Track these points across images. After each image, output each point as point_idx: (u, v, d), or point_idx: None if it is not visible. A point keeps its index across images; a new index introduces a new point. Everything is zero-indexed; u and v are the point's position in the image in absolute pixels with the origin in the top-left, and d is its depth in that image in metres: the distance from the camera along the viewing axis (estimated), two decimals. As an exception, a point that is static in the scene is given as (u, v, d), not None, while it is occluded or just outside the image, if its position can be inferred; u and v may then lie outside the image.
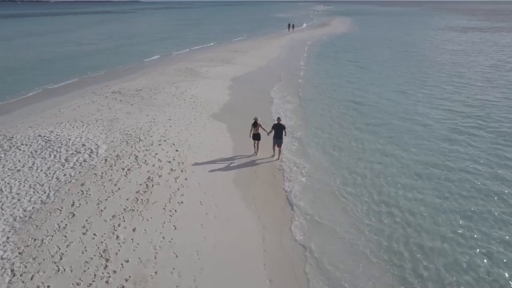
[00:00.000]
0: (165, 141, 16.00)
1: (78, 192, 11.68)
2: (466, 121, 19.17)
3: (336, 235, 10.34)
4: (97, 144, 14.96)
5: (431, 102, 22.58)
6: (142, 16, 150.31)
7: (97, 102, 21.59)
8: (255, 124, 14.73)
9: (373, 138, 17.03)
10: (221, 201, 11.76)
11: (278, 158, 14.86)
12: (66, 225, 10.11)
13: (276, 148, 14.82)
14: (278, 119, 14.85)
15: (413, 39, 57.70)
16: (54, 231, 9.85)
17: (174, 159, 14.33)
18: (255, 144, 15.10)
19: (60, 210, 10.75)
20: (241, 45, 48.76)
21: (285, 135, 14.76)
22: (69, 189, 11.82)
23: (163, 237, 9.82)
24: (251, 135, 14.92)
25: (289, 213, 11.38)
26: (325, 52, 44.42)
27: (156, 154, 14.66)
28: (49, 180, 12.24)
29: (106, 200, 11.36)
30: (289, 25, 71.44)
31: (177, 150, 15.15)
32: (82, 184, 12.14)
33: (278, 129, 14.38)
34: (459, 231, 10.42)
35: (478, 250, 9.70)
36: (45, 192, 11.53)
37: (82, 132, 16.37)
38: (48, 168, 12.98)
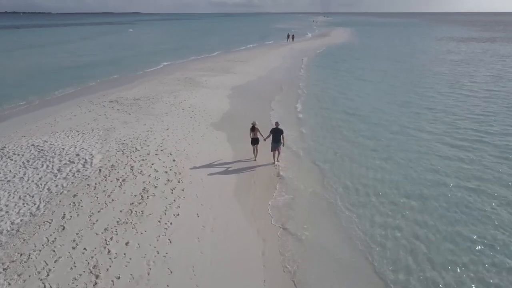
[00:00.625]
0: (162, 150, 15.56)
1: (70, 204, 11.19)
2: (467, 134, 18.19)
3: (331, 255, 9.58)
4: (91, 154, 14.51)
5: (431, 113, 21.77)
6: (143, 27, 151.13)
7: (93, 111, 21.19)
8: (253, 129, 14.75)
9: (372, 151, 16.13)
10: (219, 213, 11.26)
11: (278, 161, 14.84)
12: (55, 238, 9.60)
13: (276, 153, 14.76)
14: (277, 123, 14.68)
15: (412, 49, 57.66)
16: (42, 245, 9.34)
17: (171, 169, 13.86)
18: (255, 149, 15.11)
19: (50, 223, 10.24)
20: (240, 55, 48.69)
21: (283, 140, 14.51)
22: (60, 201, 11.33)
23: (157, 252, 9.31)
24: (250, 139, 14.99)
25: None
26: (325, 62, 44.16)
27: (152, 164, 14.20)
28: (40, 191, 11.75)
29: (98, 212, 10.86)
30: (288, 35, 71.56)
31: (174, 160, 14.69)
32: (74, 196, 11.65)
33: (276, 134, 14.33)
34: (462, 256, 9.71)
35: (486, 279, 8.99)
36: (35, 204, 11.04)
37: (77, 141, 15.93)
38: (40, 178, 12.51)
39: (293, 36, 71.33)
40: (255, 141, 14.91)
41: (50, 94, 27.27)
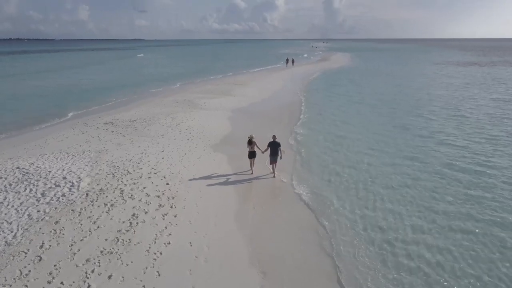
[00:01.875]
0: (155, 173, 14.66)
1: (50, 231, 10.20)
2: (469, 158, 17.08)
3: None
4: (79, 177, 13.60)
5: (432, 137, 20.65)
6: (145, 52, 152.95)
7: (87, 133, 20.42)
8: (250, 142, 15.02)
9: (370, 177, 15.08)
10: (214, 241, 10.25)
11: (274, 176, 14.96)
12: (29, 271, 8.57)
13: (274, 166, 15.00)
14: (274, 136, 15.02)
15: (412, 73, 57.44)
16: (14, 279, 8.31)
17: (163, 194, 12.92)
18: (252, 163, 15.36)
19: (26, 253, 9.23)
20: (240, 79, 48.44)
21: (281, 154, 14.77)
22: (40, 228, 10.35)
23: (143, 286, 8.27)
24: (247, 153, 15.21)
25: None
26: (324, 85, 43.85)
27: (144, 188, 13.27)
28: (19, 217, 10.78)
29: (81, 240, 9.86)
30: (287, 60, 71.57)
31: (167, 184, 13.77)
32: (56, 222, 10.67)
33: (274, 147, 14.66)
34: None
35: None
36: (12, 232, 10.05)
37: (66, 164, 15.05)
38: (21, 203, 11.56)
39: (292, 61, 71.40)
40: (252, 155, 15.19)
41: (42, 116, 26.41)
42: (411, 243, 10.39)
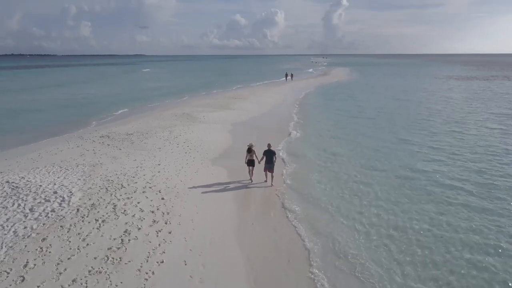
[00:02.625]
0: (150, 188, 14.12)
1: (36, 249, 9.61)
2: (471, 175, 16.22)
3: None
4: (71, 192, 13.06)
5: (433, 153, 19.89)
6: (145, 67, 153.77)
7: (82, 147, 19.94)
8: (250, 151, 15.13)
9: (369, 194, 14.36)
10: (210, 259, 9.66)
11: (271, 185, 15.03)
12: (10, 293, 7.98)
13: (268, 174, 15.15)
14: (269, 145, 15.27)
15: (412, 87, 57.14)
16: (-7, 302, 7.72)
17: (158, 209, 12.36)
18: (250, 170, 15.41)
19: (8, 273, 8.64)
20: (240, 93, 48.27)
21: (275, 160, 15.12)
22: (26, 246, 9.76)
23: (133, 310, 7.66)
24: (246, 161, 15.26)
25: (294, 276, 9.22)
26: (324, 100, 43.62)
27: (138, 203, 12.72)
28: (4, 234, 10.20)
29: (68, 259, 9.27)
30: (286, 74, 71.52)
31: (163, 198, 13.22)
32: (43, 239, 10.09)
33: (269, 155, 14.88)
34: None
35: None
36: (-5, 250, 9.46)
37: (58, 178, 14.52)
38: (7, 219, 10.99)
39: (291, 75, 71.29)
40: (251, 163, 15.27)
41: (37, 131, 25.88)
42: (409, 273, 9.77)
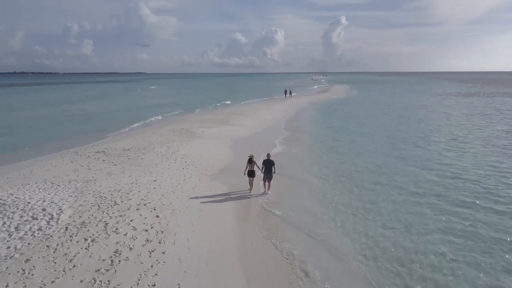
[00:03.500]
0: (145, 205, 13.45)
1: (18, 272, 8.90)
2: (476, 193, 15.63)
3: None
4: (60, 209, 12.40)
5: (437, 169, 19.23)
6: (147, 84, 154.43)
7: (76, 162, 19.33)
8: (251, 161, 15.25)
9: (370, 213, 13.89)
10: (206, 283, 8.94)
11: (267, 192, 15.36)
12: (-15, 321, 7.26)
13: (266, 183, 15.44)
14: (268, 155, 15.71)
15: (412, 104, 56.71)
16: (-36, 331, 6.98)
17: (152, 227, 11.67)
18: (251, 181, 15.50)
19: (-15, 298, 7.93)
20: (240, 108, 47.94)
21: (275, 172, 15.39)
22: (7, 267, 9.05)
23: None
24: (246, 172, 15.34)
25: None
26: (324, 117, 43.16)
27: (131, 220, 12.04)
28: (-15, 255, 9.50)
29: (52, 282, 8.56)
30: (285, 91, 71.22)
31: (157, 216, 12.54)
32: (27, 260, 9.38)
33: (268, 165, 15.16)
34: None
35: None
36: (-27, 272, 8.76)
37: (48, 194, 13.87)
38: (-10, 239, 10.30)
39: (290, 92, 70.88)
40: (251, 173, 15.36)
41: (33, 146, 25.31)
42: None
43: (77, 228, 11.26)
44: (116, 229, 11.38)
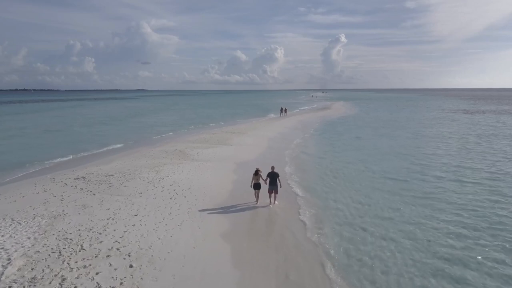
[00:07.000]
0: (118, 249, 11.06)
1: None
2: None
3: None
4: (9, 259, 9.99)
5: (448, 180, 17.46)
6: (145, 101, 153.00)
7: (49, 191, 16.95)
8: (257, 173, 15.58)
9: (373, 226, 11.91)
10: None
11: (273, 203, 15.71)
12: None
13: (272, 195, 15.71)
14: (272, 167, 16.06)
15: (418, 122, 54.55)
16: None
17: (122, 283, 9.25)
18: (257, 193, 15.79)
19: None
20: (239, 127, 45.73)
21: (280, 184, 15.81)
22: None
23: None
24: (252, 184, 15.67)
25: None
26: (326, 134, 40.99)
27: (96, 273, 9.62)
28: None
29: None
30: (281, 109, 68.69)
31: (131, 266, 10.13)
32: None
33: (273, 177, 15.49)
34: None
35: None
36: None
37: (2, 236, 11.49)
38: None
39: (285, 110, 68.10)
40: (257, 186, 15.64)
41: (10, 172, 22.88)
42: None
43: (24, 287, 8.83)
44: (75, 287, 8.96)
